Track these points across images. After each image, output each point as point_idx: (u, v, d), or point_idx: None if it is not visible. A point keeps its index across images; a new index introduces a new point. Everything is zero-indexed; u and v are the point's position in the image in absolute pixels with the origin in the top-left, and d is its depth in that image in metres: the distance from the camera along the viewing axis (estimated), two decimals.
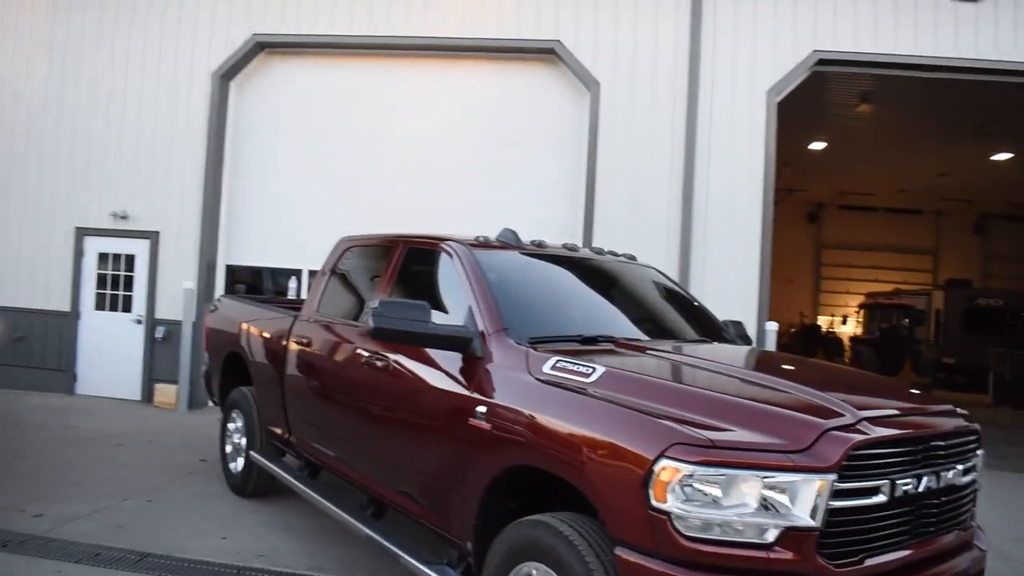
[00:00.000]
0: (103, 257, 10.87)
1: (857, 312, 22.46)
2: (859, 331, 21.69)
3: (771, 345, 8.63)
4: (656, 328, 4.54)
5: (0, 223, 11.07)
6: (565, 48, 9.81)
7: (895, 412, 3.14)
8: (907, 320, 19.37)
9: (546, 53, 10.00)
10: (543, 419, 3.22)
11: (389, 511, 4.63)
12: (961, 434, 3.30)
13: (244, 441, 6.33)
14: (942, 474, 3.09)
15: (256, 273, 10.94)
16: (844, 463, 2.69)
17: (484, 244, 4.48)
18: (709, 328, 4.75)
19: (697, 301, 5.22)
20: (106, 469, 6.99)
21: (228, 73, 10.51)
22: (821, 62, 9.63)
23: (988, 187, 21.93)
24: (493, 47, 10.08)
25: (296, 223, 10.52)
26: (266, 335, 6.03)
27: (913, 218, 27.51)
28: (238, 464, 6.43)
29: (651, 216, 9.53)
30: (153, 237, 10.67)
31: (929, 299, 21.65)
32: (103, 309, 10.90)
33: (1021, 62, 9.49)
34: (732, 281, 9.29)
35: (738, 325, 5.01)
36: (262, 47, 10.53)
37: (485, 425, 3.48)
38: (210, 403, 10.18)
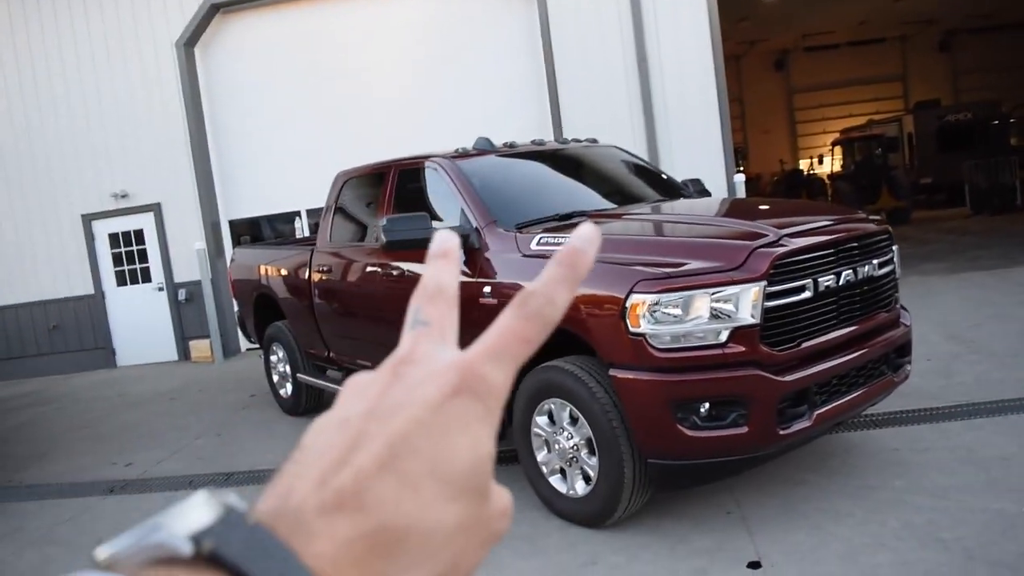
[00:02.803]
0: (114, 237, 11.53)
1: (831, 150, 23.10)
2: (837, 168, 22.38)
3: (740, 195, 9.33)
4: (622, 196, 5.26)
5: (9, 224, 11.67)
6: None
7: (813, 226, 3.89)
8: (879, 149, 19.98)
9: None
10: None
11: None
12: (873, 235, 4.05)
13: (288, 368, 7.13)
14: (859, 269, 3.86)
15: (255, 224, 11.60)
16: (771, 271, 3.46)
17: (463, 155, 5.17)
18: (669, 189, 5.48)
19: (655, 167, 5.94)
20: (170, 420, 7.84)
21: (190, 40, 10.91)
22: None
23: (948, 3, 22.18)
24: None
25: (284, 168, 11.11)
26: (289, 271, 6.77)
27: (878, 47, 27.80)
28: (287, 389, 7.25)
29: (612, 99, 10.10)
30: (156, 209, 11.29)
31: (900, 125, 22.19)
32: (125, 284, 11.63)
33: None
34: (697, 143, 9.92)
35: (696, 183, 5.74)
36: (216, 8, 10.90)
37: (492, 301, 4.26)
38: (243, 349, 11.09)
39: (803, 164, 27.62)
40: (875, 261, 3.99)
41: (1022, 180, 18.31)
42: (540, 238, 4.20)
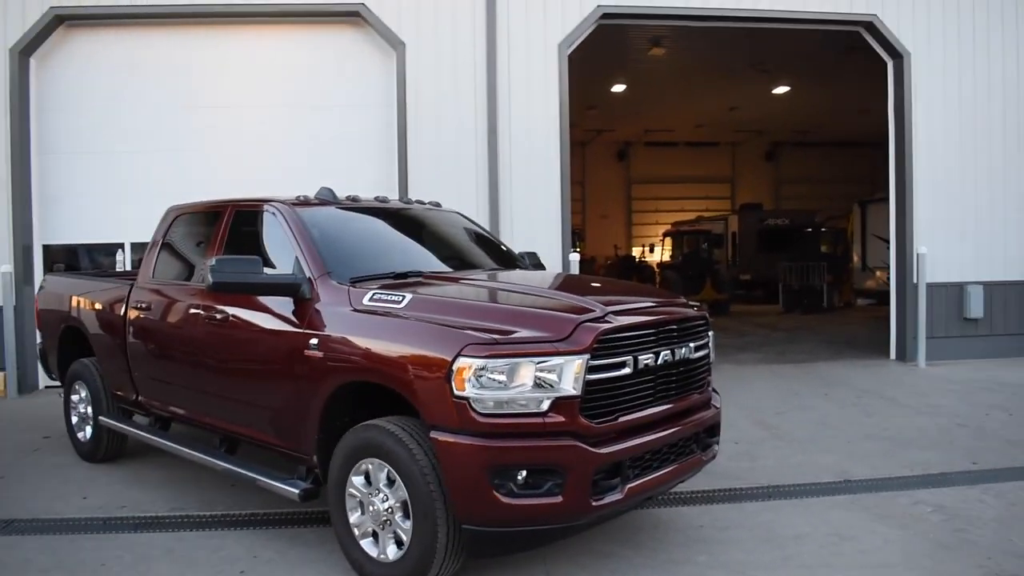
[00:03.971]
0: None
1: (661, 240, 24.53)
2: (667, 257, 23.73)
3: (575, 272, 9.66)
4: (460, 262, 5.31)
5: None
6: (369, 10, 10.26)
7: (637, 307, 4.07)
8: (705, 244, 21.40)
9: (351, 16, 10.41)
10: (364, 341, 3.96)
11: (241, 445, 5.21)
12: (692, 320, 4.29)
13: (90, 409, 6.60)
14: (676, 350, 4.06)
15: (72, 251, 10.81)
16: (595, 346, 3.57)
17: (304, 202, 5.07)
18: (506, 259, 5.60)
19: (494, 237, 6.06)
20: None
21: (27, 49, 10.21)
22: (605, 15, 10.60)
23: (774, 118, 24.30)
24: (300, 11, 10.39)
25: (115, 197, 10.48)
26: (104, 305, 6.32)
27: (712, 150, 30.03)
28: (86, 432, 6.70)
29: (461, 166, 10.28)
30: None
31: (726, 223, 23.87)
32: None
33: (789, 11, 10.91)
34: (537, 220, 10.24)
35: (532, 255, 5.90)
36: (61, 20, 10.30)
37: (318, 354, 4.15)
38: (42, 386, 10.20)
39: (636, 251, 29.09)
40: (692, 344, 4.21)
41: (829, 284, 20.08)
42: (373, 294, 4.15)
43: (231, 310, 4.84)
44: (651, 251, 25.44)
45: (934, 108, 11.35)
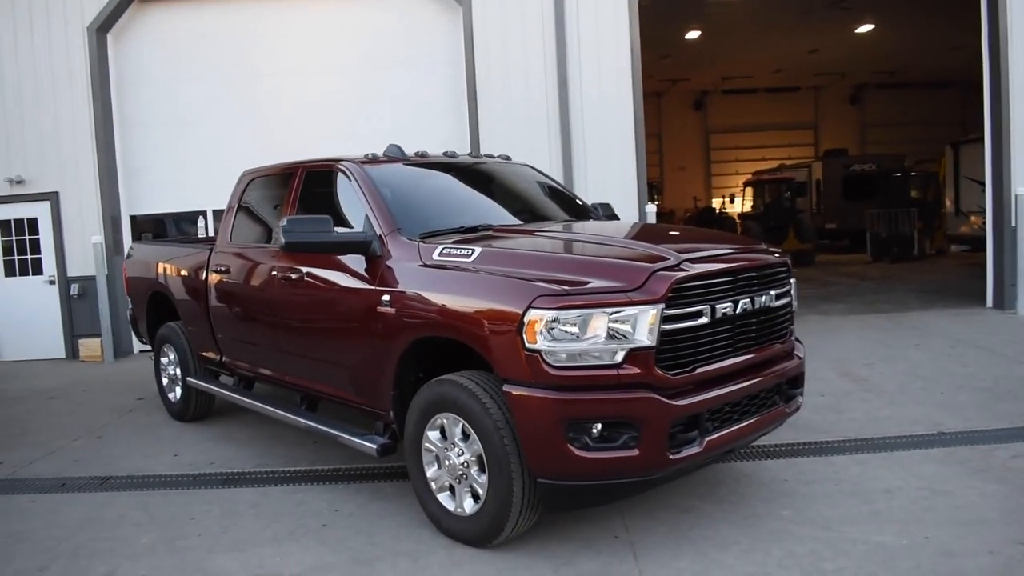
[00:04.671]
0: (4, 224, 10.90)
1: (742, 191, 23.85)
2: (748, 208, 23.08)
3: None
4: (530, 214, 5.22)
5: None
6: None
7: (714, 254, 3.91)
8: (788, 192, 20.69)
9: None
10: (434, 296, 3.93)
11: (321, 403, 5.30)
12: (773, 267, 4.11)
13: (179, 371, 6.82)
14: (756, 298, 3.90)
15: (159, 221, 11.17)
16: (670, 295, 3.45)
17: (373, 160, 5.05)
18: (578, 211, 5.48)
19: (566, 188, 5.93)
20: (47, 419, 7.39)
21: (104, 26, 10.48)
22: None
23: (858, 59, 23.26)
24: None
25: (194, 166, 10.75)
26: (186, 270, 6.49)
27: (792, 95, 28.94)
28: (176, 393, 6.94)
29: (532, 119, 10.15)
30: (53, 198, 10.73)
31: (809, 171, 23.04)
32: (13, 275, 11.00)
33: None
34: (612, 172, 10.05)
35: (606, 207, 5.75)
36: None
37: (390, 310, 4.14)
38: (136, 350, 10.61)
39: (715, 202, 28.40)
40: (773, 292, 4.04)
41: (920, 231, 19.23)
42: (443, 249, 4.10)
43: (306, 269, 4.88)
44: (731, 202, 24.76)
45: None
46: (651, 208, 9.34)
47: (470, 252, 3.96)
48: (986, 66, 10.92)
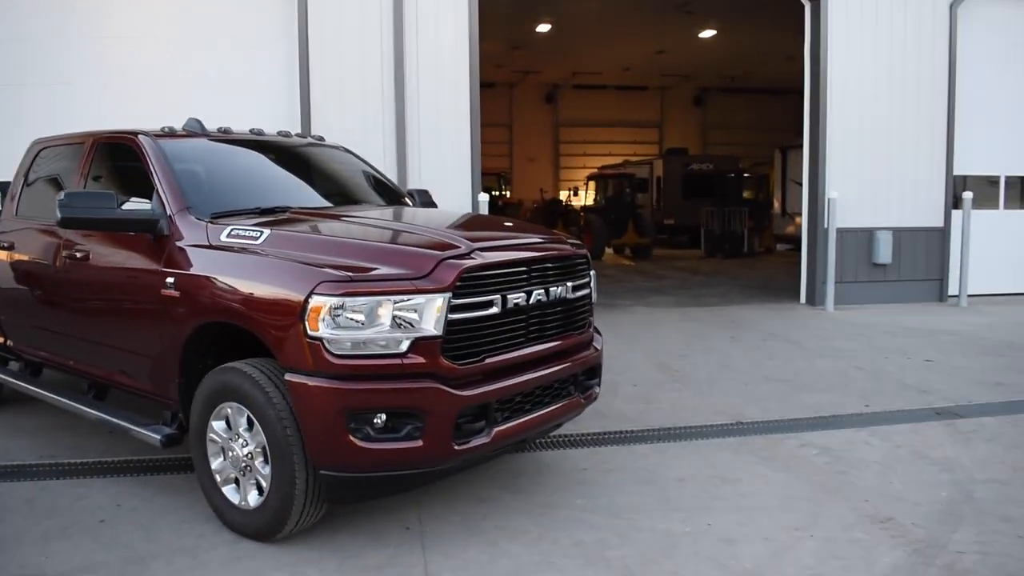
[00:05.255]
0: None
1: (585, 184, 24.47)
2: (590, 201, 23.69)
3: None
4: (339, 198, 5.07)
5: None
6: None
7: (509, 243, 3.91)
8: (629, 188, 21.38)
9: None
10: (218, 279, 3.74)
11: (111, 392, 4.96)
12: (570, 258, 4.15)
13: None
14: (551, 289, 3.92)
15: None
16: (458, 284, 3.41)
17: (169, 134, 4.75)
18: (391, 196, 5.37)
19: (380, 173, 5.78)
20: None
21: None
22: None
23: (702, 63, 24.27)
24: None
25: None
26: None
27: (640, 94, 29.91)
28: None
29: (366, 103, 9.88)
30: None
31: (651, 168, 23.89)
32: None
33: None
34: (447, 158, 9.92)
35: (423, 193, 5.68)
36: None
37: (174, 293, 3.91)
38: None
39: (563, 195, 28.97)
40: (570, 283, 4.07)
41: (750, 230, 20.33)
42: (231, 230, 3.90)
43: (91, 248, 4.54)
44: (575, 195, 25.36)
45: (850, 54, 11.34)
46: (483, 197, 9.30)
47: (259, 234, 3.78)
48: (807, 75, 11.62)
